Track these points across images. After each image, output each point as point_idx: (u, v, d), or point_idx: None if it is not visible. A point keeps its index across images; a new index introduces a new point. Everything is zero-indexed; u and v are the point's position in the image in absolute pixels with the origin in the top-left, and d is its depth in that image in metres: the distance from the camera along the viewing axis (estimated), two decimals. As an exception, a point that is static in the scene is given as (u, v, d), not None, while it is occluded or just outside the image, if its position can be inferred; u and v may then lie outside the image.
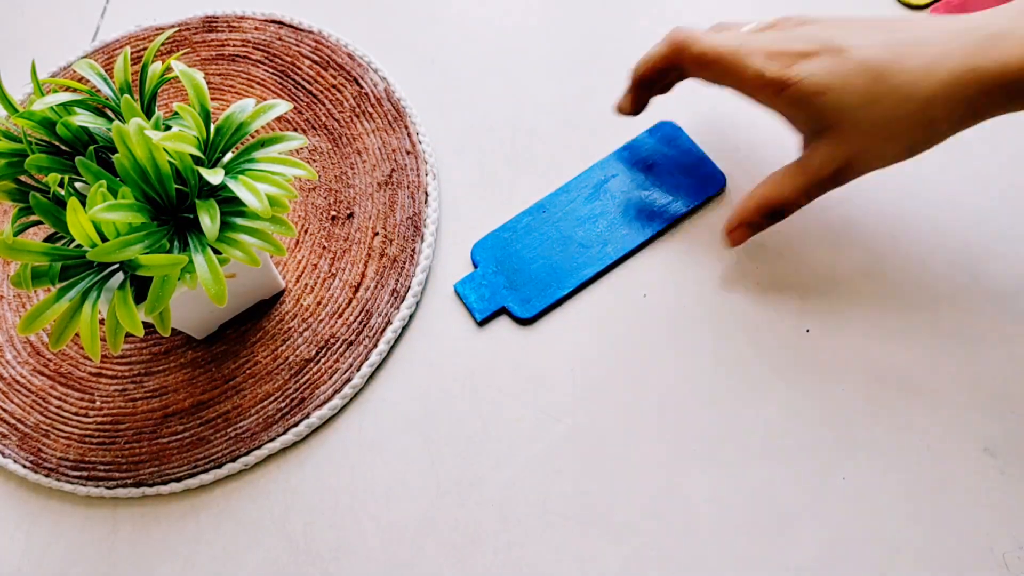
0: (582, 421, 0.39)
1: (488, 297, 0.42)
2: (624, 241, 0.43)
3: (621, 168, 0.45)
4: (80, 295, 0.32)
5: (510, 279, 0.42)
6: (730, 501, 0.37)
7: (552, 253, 0.43)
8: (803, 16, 0.36)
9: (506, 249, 0.43)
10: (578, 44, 0.51)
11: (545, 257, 0.43)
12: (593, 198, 0.44)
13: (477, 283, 0.43)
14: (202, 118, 0.34)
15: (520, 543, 0.37)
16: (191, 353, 0.42)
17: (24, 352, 0.43)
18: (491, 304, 0.42)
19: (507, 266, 0.43)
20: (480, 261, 0.43)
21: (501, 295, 0.42)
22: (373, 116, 0.48)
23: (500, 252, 0.43)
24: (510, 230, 0.44)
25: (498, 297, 0.42)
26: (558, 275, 0.42)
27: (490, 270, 0.43)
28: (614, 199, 0.44)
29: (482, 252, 0.43)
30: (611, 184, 0.45)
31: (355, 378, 0.41)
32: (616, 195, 0.44)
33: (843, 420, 0.38)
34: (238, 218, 0.34)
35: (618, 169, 0.45)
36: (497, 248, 0.43)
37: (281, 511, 0.39)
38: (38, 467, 0.40)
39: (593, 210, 0.44)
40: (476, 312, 0.42)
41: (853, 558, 0.35)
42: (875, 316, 0.40)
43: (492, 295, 0.42)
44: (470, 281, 0.43)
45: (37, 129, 0.35)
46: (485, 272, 0.43)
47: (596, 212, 0.44)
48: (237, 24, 0.53)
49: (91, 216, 0.30)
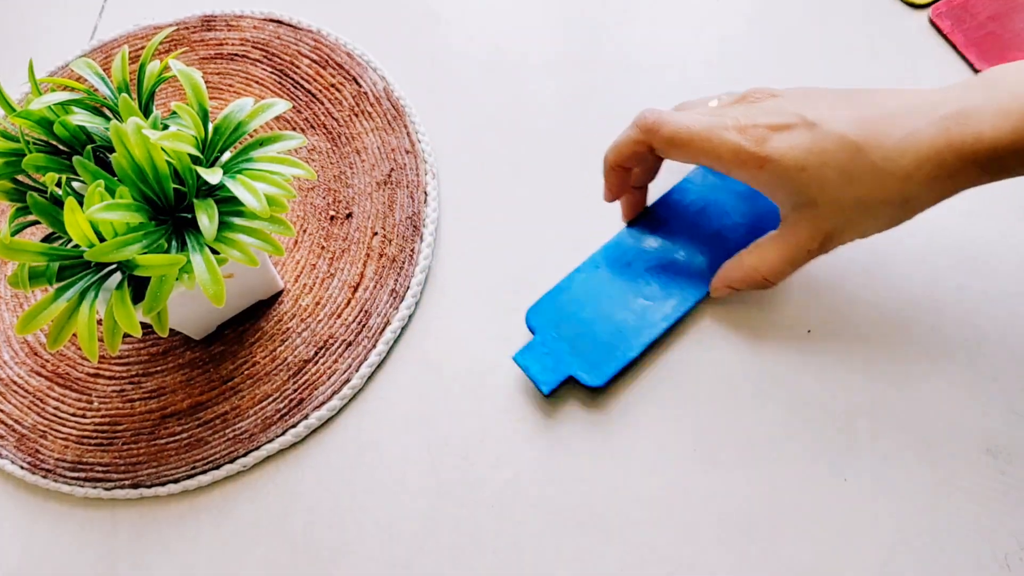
0: (581, 421, 0.39)
1: (552, 367, 0.38)
2: (688, 292, 0.40)
3: (673, 213, 0.43)
4: (78, 295, 0.32)
5: (573, 344, 0.39)
6: (731, 502, 0.37)
7: (614, 311, 0.40)
8: (769, 88, 0.36)
9: (563, 311, 0.40)
10: (578, 44, 0.50)
11: (607, 317, 0.40)
12: (649, 247, 0.42)
13: (538, 352, 0.39)
14: (200, 117, 0.34)
15: (520, 543, 0.37)
16: (189, 354, 0.42)
17: (22, 352, 0.43)
18: (557, 374, 0.38)
19: (567, 330, 0.39)
20: (537, 327, 0.40)
21: (566, 363, 0.39)
22: (372, 115, 0.48)
23: (557, 315, 0.40)
24: (565, 291, 0.41)
25: (563, 365, 0.38)
26: (624, 335, 0.39)
27: (550, 336, 0.39)
28: (671, 246, 0.42)
29: (538, 317, 0.40)
30: (666, 231, 0.42)
31: (354, 379, 0.41)
32: (673, 242, 0.42)
33: (844, 420, 0.38)
34: (236, 218, 0.33)
35: (670, 214, 0.42)
36: (553, 311, 0.40)
37: (280, 512, 0.39)
38: (36, 468, 0.40)
39: (650, 260, 0.41)
40: (542, 384, 0.38)
41: (854, 558, 0.35)
42: (875, 317, 0.40)
43: (556, 364, 0.39)
44: (530, 351, 0.39)
45: (35, 128, 0.35)
46: (545, 339, 0.39)
47: (654, 262, 0.41)
48: (235, 23, 0.53)
49: (89, 216, 0.30)
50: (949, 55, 0.47)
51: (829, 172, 0.33)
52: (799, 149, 0.33)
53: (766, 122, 0.34)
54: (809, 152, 0.33)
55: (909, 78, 0.46)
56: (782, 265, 0.36)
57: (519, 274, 0.43)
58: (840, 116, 0.33)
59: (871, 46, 0.48)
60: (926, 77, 0.46)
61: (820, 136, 0.33)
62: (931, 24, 0.48)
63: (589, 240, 0.44)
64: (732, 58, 0.49)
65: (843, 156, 0.32)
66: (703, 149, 0.35)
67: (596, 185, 0.46)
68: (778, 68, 0.48)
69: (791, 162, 0.33)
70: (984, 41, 0.46)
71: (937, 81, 0.46)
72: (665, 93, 0.48)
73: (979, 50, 0.46)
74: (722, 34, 0.50)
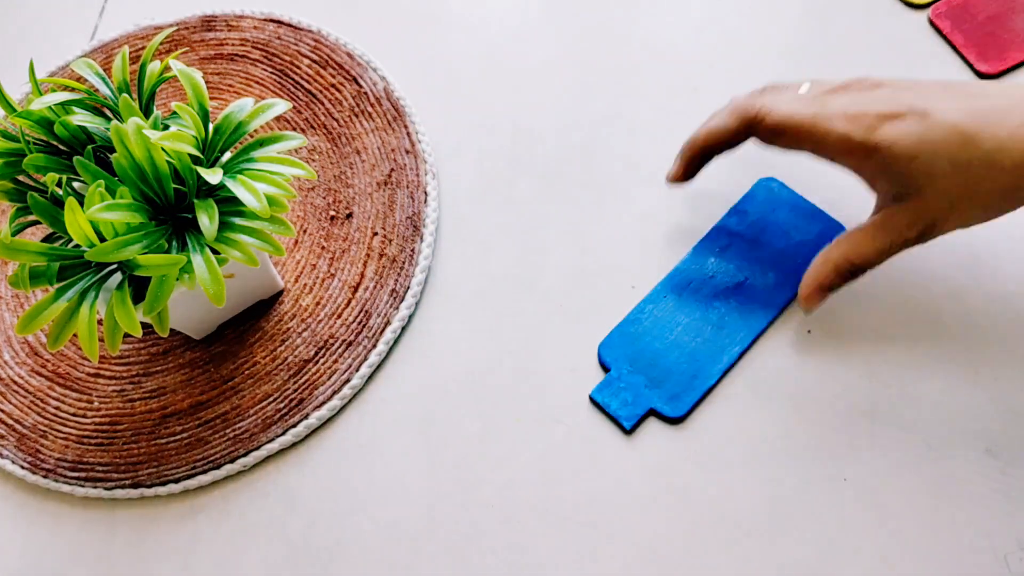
0: (581, 422, 0.39)
1: (632, 401, 0.38)
2: (758, 314, 0.40)
3: (734, 238, 0.42)
4: (78, 295, 0.32)
5: (649, 376, 0.39)
6: (731, 501, 0.37)
7: (687, 340, 0.40)
8: (873, 78, 0.36)
9: (636, 344, 0.40)
10: (578, 44, 0.50)
11: (680, 346, 0.40)
12: (713, 273, 0.42)
13: (616, 388, 0.39)
14: (200, 117, 0.34)
15: (520, 543, 0.37)
16: (190, 354, 0.42)
17: (22, 352, 0.43)
18: (637, 408, 0.38)
19: (642, 362, 0.39)
20: (611, 362, 0.39)
21: (645, 396, 0.39)
22: (372, 115, 0.48)
23: (630, 348, 0.40)
24: (635, 323, 0.41)
25: (643, 399, 0.38)
26: (700, 363, 0.39)
27: (625, 370, 0.39)
28: (735, 270, 0.41)
29: (611, 351, 0.40)
30: (728, 255, 0.42)
31: (354, 379, 0.41)
32: (736, 266, 0.42)
33: (844, 421, 0.38)
34: (237, 218, 0.33)
35: (731, 239, 0.42)
36: (626, 345, 0.40)
37: (280, 512, 0.39)
38: (36, 468, 0.40)
39: (716, 286, 0.41)
40: (624, 420, 0.38)
41: (854, 558, 0.35)
42: (875, 317, 0.40)
43: (635, 398, 0.39)
44: (607, 387, 0.39)
45: (35, 128, 0.35)
46: (621, 374, 0.39)
47: (720, 287, 0.41)
48: (236, 23, 0.53)
49: (89, 216, 0.30)
50: (948, 55, 0.47)
51: (940, 161, 0.32)
52: (911, 138, 0.33)
53: (876, 111, 0.34)
54: (921, 141, 0.33)
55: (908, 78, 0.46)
56: (876, 253, 0.36)
57: (519, 274, 0.43)
58: (951, 106, 0.33)
59: (870, 46, 0.48)
60: (925, 77, 0.46)
61: (932, 125, 0.32)
62: (930, 24, 0.48)
63: (589, 240, 0.44)
64: (732, 58, 0.49)
65: (955, 146, 0.32)
66: (808, 136, 0.35)
67: (596, 185, 0.46)
68: (778, 67, 0.48)
69: (902, 151, 0.33)
70: (983, 41, 0.46)
71: (937, 81, 0.46)
72: (666, 93, 0.48)
73: (978, 50, 0.46)
74: (722, 33, 0.50)
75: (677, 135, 0.42)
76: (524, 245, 0.44)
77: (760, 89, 0.39)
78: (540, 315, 0.42)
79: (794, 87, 0.38)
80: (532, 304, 0.43)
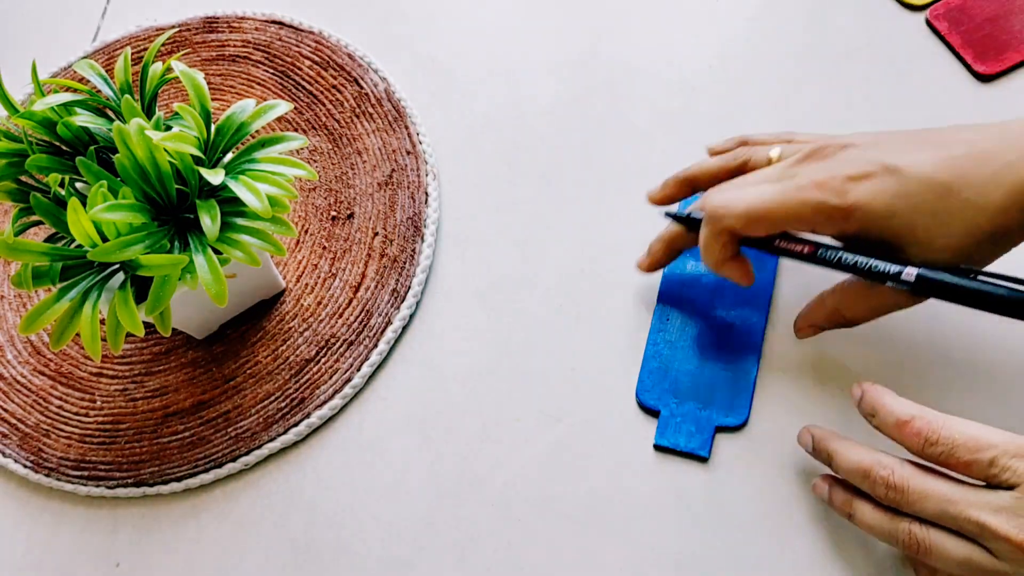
0: (579, 421, 0.40)
1: (696, 430, 0.38)
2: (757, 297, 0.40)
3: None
4: (81, 295, 0.32)
5: (697, 398, 0.39)
6: (731, 500, 0.37)
7: (709, 346, 0.40)
8: (836, 139, 0.35)
9: (668, 376, 0.39)
10: (579, 45, 0.51)
11: (707, 354, 0.40)
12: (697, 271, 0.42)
13: (674, 425, 0.38)
14: (202, 118, 0.34)
15: (520, 543, 0.37)
16: (192, 353, 0.43)
17: (25, 352, 0.43)
18: (704, 432, 0.38)
19: (683, 389, 0.39)
20: (656, 403, 0.39)
21: (705, 418, 0.38)
22: (373, 116, 0.48)
23: (666, 382, 0.39)
24: (656, 357, 0.40)
25: (704, 423, 0.38)
26: (733, 361, 0.39)
27: (673, 404, 0.39)
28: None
29: (650, 394, 0.39)
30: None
31: (355, 378, 0.41)
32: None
33: (844, 421, 0.38)
34: (238, 218, 0.34)
35: None
36: (660, 381, 0.39)
37: (282, 511, 0.39)
38: (39, 467, 0.40)
39: (708, 283, 0.41)
40: (698, 451, 0.38)
41: (854, 558, 0.35)
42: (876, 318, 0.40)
43: (697, 425, 0.38)
44: (666, 428, 0.38)
45: (38, 129, 0.35)
46: (671, 410, 0.39)
47: (711, 283, 0.41)
48: (237, 25, 0.53)
49: (92, 216, 0.30)
50: (946, 56, 0.47)
51: (919, 217, 0.32)
52: (886, 195, 0.32)
53: (844, 173, 0.33)
54: (895, 197, 0.32)
55: (906, 79, 0.46)
56: (868, 311, 0.36)
57: (519, 274, 0.44)
58: (923, 158, 0.32)
59: (869, 47, 0.48)
60: (923, 78, 0.46)
61: (906, 180, 0.32)
62: (928, 25, 0.48)
63: (589, 239, 0.44)
64: (731, 58, 0.49)
65: (932, 198, 0.31)
66: (784, 217, 0.34)
67: (596, 185, 0.46)
68: (777, 69, 0.48)
69: (879, 209, 0.32)
70: (981, 42, 0.46)
71: (934, 82, 0.46)
72: (665, 94, 0.48)
73: (976, 51, 0.46)
74: (721, 35, 0.50)
75: (676, 135, 0.43)
76: (524, 245, 0.44)
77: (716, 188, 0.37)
78: (540, 315, 0.42)
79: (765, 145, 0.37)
80: (532, 304, 0.43)
